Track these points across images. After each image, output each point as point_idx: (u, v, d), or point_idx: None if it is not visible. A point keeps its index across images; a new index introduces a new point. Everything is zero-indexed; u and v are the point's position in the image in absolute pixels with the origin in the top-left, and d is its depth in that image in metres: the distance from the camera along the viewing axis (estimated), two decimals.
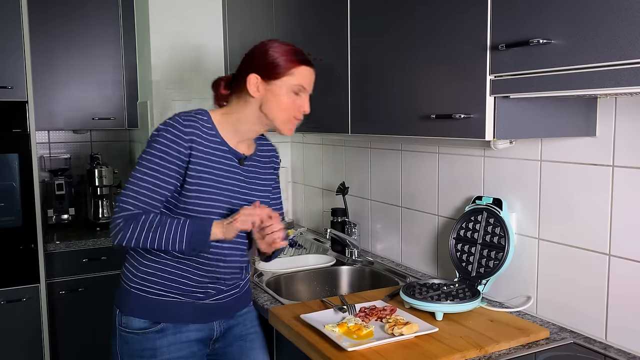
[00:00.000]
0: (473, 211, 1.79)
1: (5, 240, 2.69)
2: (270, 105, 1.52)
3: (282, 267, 2.28)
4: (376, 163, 2.40)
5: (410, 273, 2.12)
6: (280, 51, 1.52)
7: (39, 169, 2.92)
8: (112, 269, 2.89)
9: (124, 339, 1.55)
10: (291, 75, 1.51)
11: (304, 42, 2.19)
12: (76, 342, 2.91)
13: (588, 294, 1.51)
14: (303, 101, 1.55)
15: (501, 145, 1.67)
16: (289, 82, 1.51)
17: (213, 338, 1.63)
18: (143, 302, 1.54)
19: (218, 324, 1.62)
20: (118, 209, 1.47)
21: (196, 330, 1.58)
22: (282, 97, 1.51)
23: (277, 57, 1.51)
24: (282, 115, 1.54)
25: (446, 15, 1.44)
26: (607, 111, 1.45)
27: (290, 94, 1.52)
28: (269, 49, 1.53)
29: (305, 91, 1.55)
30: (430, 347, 1.40)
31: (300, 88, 1.53)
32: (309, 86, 1.55)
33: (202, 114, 1.54)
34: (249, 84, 1.51)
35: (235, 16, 2.90)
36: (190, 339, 1.57)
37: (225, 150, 1.55)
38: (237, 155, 1.58)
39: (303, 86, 1.53)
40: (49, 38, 3.02)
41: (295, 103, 1.53)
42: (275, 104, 1.52)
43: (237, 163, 1.58)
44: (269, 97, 1.52)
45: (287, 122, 1.55)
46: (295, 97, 1.53)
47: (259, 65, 1.52)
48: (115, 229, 1.46)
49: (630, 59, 1.01)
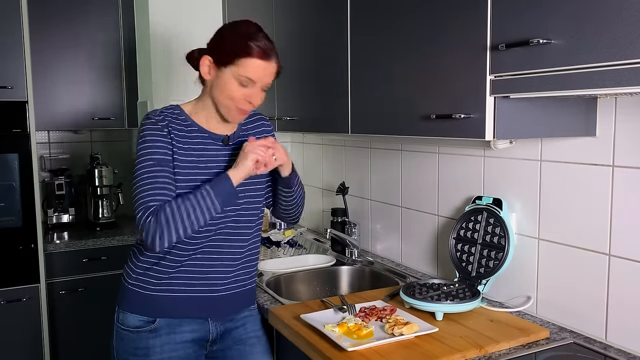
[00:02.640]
0: (473, 211, 1.79)
1: (5, 240, 2.69)
2: (215, 90, 1.50)
3: (282, 267, 2.28)
4: (376, 163, 2.40)
5: (410, 273, 2.12)
6: (234, 37, 1.45)
7: (39, 169, 2.92)
8: (112, 269, 2.89)
9: (120, 336, 1.57)
10: (239, 65, 1.44)
11: (304, 40, 2.19)
12: (76, 342, 2.91)
13: (588, 294, 1.51)
14: (251, 93, 1.48)
15: (501, 145, 1.67)
16: (236, 72, 1.44)
17: (209, 339, 1.62)
18: (139, 298, 1.55)
19: (214, 325, 1.61)
20: (141, 211, 1.42)
21: (191, 331, 1.57)
22: (227, 85, 1.46)
23: (229, 43, 1.45)
24: (226, 103, 1.49)
25: (446, 15, 1.44)
26: (607, 111, 1.45)
27: (235, 83, 1.46)
28: (223, 32, 1.49)
29: (255, 84, 1.47)
30: (430, 347, 1.40)
31: (247, 81, 1.45)
32: (260, 80, 1.46)
33: (172, 108, 1.55)
34: (202, 65, 1.49)
35: (236, 16, 2.90)
36: (185, 340, 1.56)
37: (204, 137, 1.55)
38: (218, 137, 1.56)
39: (250, 79, 1.45)
40: (49, 38, 3.02)
41: (241, 92, 1.47)
42: (220, 91, 1.48)
43: (222, 144, 1.57)
44: (216, 82, 1.48)
45: (231, 110, 1.51)
46: (243, 87, 1.47)
47: (213, 47, 1.49)
48: (149, 232, 1.40)
49: (630, 59, 1.01)
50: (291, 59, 2.29)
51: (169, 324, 1.55)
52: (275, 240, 2.70)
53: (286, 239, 2.71)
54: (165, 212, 1.41)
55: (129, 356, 1.55)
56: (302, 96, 2.23)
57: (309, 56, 2.16)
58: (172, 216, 1.41)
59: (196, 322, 1.59)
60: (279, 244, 2.67)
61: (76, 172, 3.39)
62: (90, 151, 3.44)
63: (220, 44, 1.48)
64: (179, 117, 1.54)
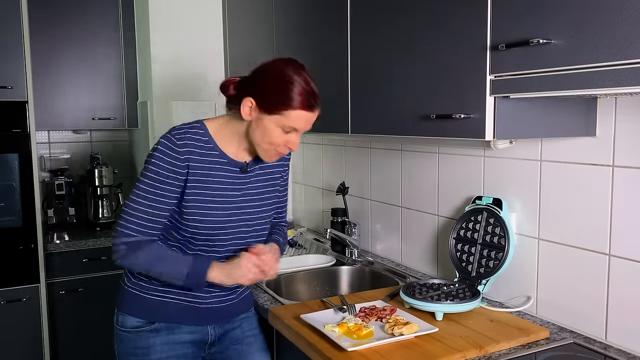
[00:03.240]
0: (473, 211, 1.79)
1: (5, 240, 2.69)
2: (256, 132, 1.46)
3: (282, 267, 2.27)
4: (376, 163, 2.40)
5: (410, 273, 2.12)
6: (279, 86, 1.41)
7: (39, 169, 2.92)
8: (112, 269, 2.88)
9: (120, 338, 1.57)
10: (285, 116, 1.41)
11: (304, 42, 2.19)
12: (76, 342, 2.91)
13: (588, 294, 1.51)
14: (292, 139, 1.46)
15: (501, 145, 1.67)
16: (281, 121, 1.42)
17: (208, 342, 1.62)
18: (138, 301, 1.55)
19: (213, 329, 1.62)
20: (119, 233, 1.45)
21: (189, 333, 1.58)
22: (270, 132, 1.44)
23: (274, 91, 1.41)
24: (265, 146, 1.47)
25: (446, 15, 1.44)
26: (607, 111, 1.45)
27: (279, 130, 1.44)
28: (267, 76, 1.44)
29: (298, 132, 1.46)
30: (430, 347, 1.40)
31: (292, 129, 1.44)
32: (303, 128, 1.46)
33: (197, 127, 1.49)
34: (243, 106, 1.43)
35: (236, 16, 2.90)
36: (184, 340, 1.57)
37: (223, 162, 1.51)
38: (237, 165, 1.53)
39: (295, 129, 1.44)
40: (49, 38, 3.02)
41: (283, 138, 1.45)
42: (261, 135, 1.45)
43: (239, 172, 1.54)
44: (258, 124, 1.44)
45: (268, 152, 1.49)
46: (285, 134, 1.45)
47: (260, 90, 1.43)
48: (118, 253, 1.46)
49: (630, 59, 1.01)
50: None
51: (168, 325, 1.55)
52: None
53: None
54: (137, 252, 1.46)
55: (130, 357, 1.55)
56: None
57: (309, 56, 2.16)
58: (140, 259, 1.47)
59: (195, 325, 1.59)
60: None
61: (76, 172, 3.39)
62: (90, 151, 3.44)
63: (264, 89, 1.42)
64: (202, 137, 1.48)
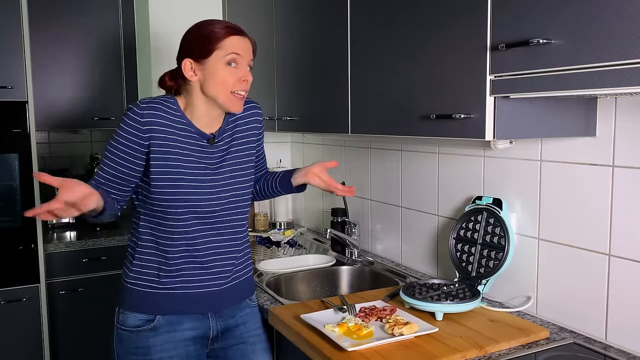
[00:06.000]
0: (473, 211, 1.79)
1: (5, 241, 2.69)
2: (209, 85, 1.50)
3: (282, 267, 2.28)
4: (376, 163, 2.40)
5: (410, 273, 2.12)
6: (204, 29, 1.49)
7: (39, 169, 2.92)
8: (112, 269, 2.89)
9: (120, 337, 1.57)
10: (220, 48, 1.47)
11: (304, 40, 2.19)
12: (76, 342, 2.90)
13: (588, 294, 1.51)
14: (241, 72, 1.51)
15: (501, 145, 1.67)
16: (220, 55, 1.48)
17: (210, 337, 1.62)
18: (137, 296, 1.55)
19: (214, 321, 1.62)
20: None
21: (191, 329, 1.58)
22: (218, 73, 1.48)
23: (202, 35, 1.49)
24: (223, 91, 1.51)
25: (446, 16, 1.44)
26: (607, 111, 1.45)
27: (225, 67, 1.49)
28: (193, 31, 1.52)
29: (242, 58, 1.50)
30: (430, 347, 1.40)
31: (234, 56, 1.48)
32: (244, 53, 1.50)
33: (168, 98, 1.55)
34: (184, 69, 1.51)
35: (236, 15, 2.90)
36: (185, 338, 1.57)
37: (191, 132, 1.54)
38: (206, 136, 1.57)
39: (236, 53, 1.49)
40: (49, 38, 3.02)
41: (234, 75, 1.50)
42: (212, 81, 1.49)
43: (207, 143, 1.57)
44: (206, 76, 1.49)
45: (230, 98, 1.52)
46: (232, 68, 1.49)
47: (188, 48, 1.51)
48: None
49: (630, 59, 1.01)
50: (291, 58, 2.29)
51: (168, 322, 1.55)
52: (275, 240, 2.70)
53: (286, 239, 2.71)
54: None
55: (130, 356, 1.55)
56: (302, 96, 2.23)
57: (309, 56, 2.16)
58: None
59: (196, 319, 1.59)
60: (279, 244, 2.67)
61: (76, 172, 3.39)
62: (90, 151, 3.44)
63: (191, 44, 1.51)
64: (171, 106, 1.54)
